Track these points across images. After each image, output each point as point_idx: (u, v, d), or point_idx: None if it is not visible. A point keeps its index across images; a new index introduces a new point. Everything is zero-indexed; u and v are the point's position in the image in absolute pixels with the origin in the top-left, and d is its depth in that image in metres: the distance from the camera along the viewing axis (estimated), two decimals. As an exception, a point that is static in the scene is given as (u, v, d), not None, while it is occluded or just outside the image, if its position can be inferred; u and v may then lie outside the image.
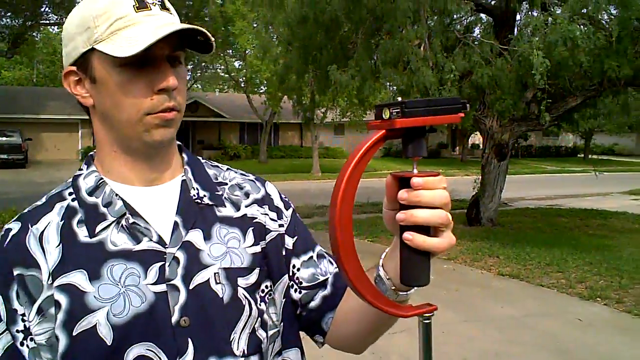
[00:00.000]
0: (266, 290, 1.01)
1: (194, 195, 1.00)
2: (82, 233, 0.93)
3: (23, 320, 0.88)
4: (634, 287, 6.83)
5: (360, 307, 0.95)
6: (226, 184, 1.07)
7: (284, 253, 1.06)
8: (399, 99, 0.76)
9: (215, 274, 0.94)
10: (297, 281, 1.06)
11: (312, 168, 25.47)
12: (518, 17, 10.63)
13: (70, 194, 0.98)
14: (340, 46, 10.67)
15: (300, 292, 1.06)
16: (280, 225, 1.07)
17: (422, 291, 0.85)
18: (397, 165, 26.68)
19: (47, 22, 25.75)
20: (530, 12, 9.81)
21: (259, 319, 0.97)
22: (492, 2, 11.10)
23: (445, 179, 0.77)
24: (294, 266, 1.07)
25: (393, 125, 0.74)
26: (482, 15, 11.43)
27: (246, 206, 1.05)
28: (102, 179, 0.98)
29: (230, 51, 29.57)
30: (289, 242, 1.07)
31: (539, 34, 8.07)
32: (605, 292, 6.62)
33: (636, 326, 5.60)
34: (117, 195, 0.96)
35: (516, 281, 7.27)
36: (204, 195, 1.01)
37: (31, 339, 0.88)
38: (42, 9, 23.59)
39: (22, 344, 0.88)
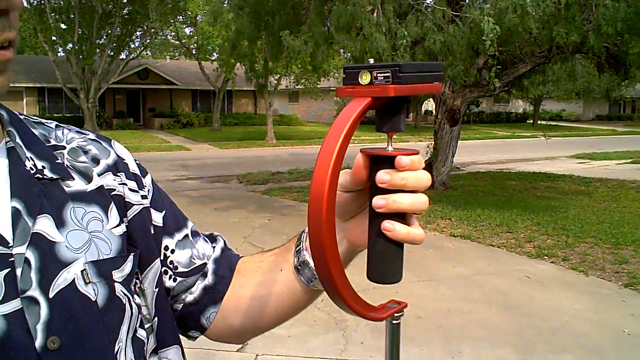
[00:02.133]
0: (135, 279, 0.79)
1: (31, 168, 0.72)
2: None
3: None
4: (579, 246, 7.11)
5: (265, 296, 0.86)
6: (63, 147, 0.80)
7: (152, 231, 0.83)
8: (371, 61, 0.65)
9: (82, 271, 0.69)
10: (171, 266, 0.86)
11: (267, 135, 25.34)
12: (470, -18, 10.71)
13: None
14: (292, 11, 10.58)
15: (175, 280, 0.86)
16: (143, 197, 0.84)
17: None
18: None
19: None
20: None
21: (139, 316, 0.77)
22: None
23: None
24: (166, 247, 0.86)
25: (386, 93, 0.60)
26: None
27: (99, 175, 0.79)
28: None
29: (181, 17, 28.91)
30: (157, 217, 0.85)
31: (490, 1, 8.18)
32: (552, 250, 6.88)
33: (580, 282, 5.85)
34: None
35: (467, 242, 7.48)
36: (43, 167, 0.73)
37: None
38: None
39: None
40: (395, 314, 0.72)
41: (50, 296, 0.66)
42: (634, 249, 6.93)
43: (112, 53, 27.00)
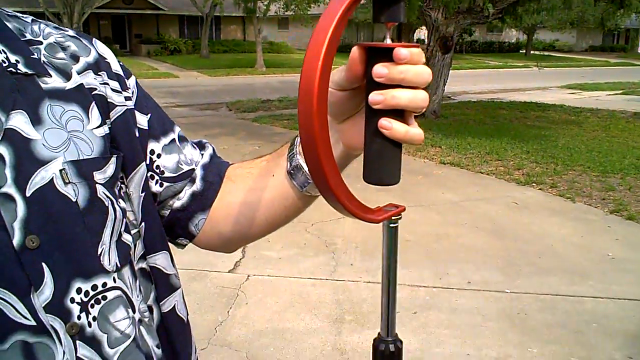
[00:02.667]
0: (120, 183, 0.77)
1: (3, 62, 0.68)
2: None
3: None
4: (567, 173, 7.17)
5: (256, 202, 0.84)
6: (40, 42, 0.74)
7: (137, 134, 0.80)
8: None
9: (61, 171, 0.66)
10: (157, 171, 0.83)
11: (256, 63, 24.92)
12: None
13: None
14: None
15: (161, 185, 0.84)
16: (127, 99, 0.80)
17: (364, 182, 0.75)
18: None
19: None
20: None
21: (124, 220, 0.74)
22: None
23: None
24: (152, 152, 0.82)
25: None
26: None
27: (79, 73, 0.75)
28: None
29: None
30: (142, 120, 0.82)
31: None
32: (540, 177, 6.93)
33: (567, 208, 5.93)
34: None
35: (457, 169, 7.51)
36: (17, 62, 0.69)
37: None
38: None
39: None
40: (393, 217, 0.70)
41: (28, 194, 0.63)
42: (621, 177, 7.00)
43: (95, -25, 26.09)
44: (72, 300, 0.65)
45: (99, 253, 0.68)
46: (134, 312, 0.73)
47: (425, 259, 4.53)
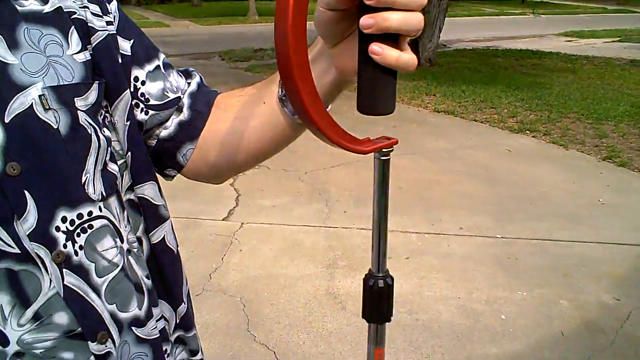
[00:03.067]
0: (104, 112, 0.75)
1: None
2: None
3: None
4: (562, 121, 7.15)
5: (245, 130, 0.82)
6: None
7: (120, 60, 0.77)
8: None
9: (40, 96, 0.64)
10: (142, 98, 0.81)
11: (249, 11, 24.45)
12: None
13: None
14: None
15: (147, 113, 0.81)
16: (109, 23, 0.76)
17: (359, 127, 0.70)
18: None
19: None
20: None
21: (108, 149, 0.73)
22: None
23: None
24: (136, 79, 0.80)
25: None
26: None
27: None
28: None
29: None
30: (125, 45, 0.78)
31: None
32: (534, 125, 6.92)
33: (560, 155, 5.94)
34: None
35: (451, 117, 7.48)
36: None
37: None
38: None
39: None
40: (384, 149, 0.69)
41: (6, 120, 0.62)
42: (615, 124, 7.00)
43: None
44: (58, 229, 0.64)
45: (83, 181, 0.67)
46: (122, 242, 0.73)
47: (418, 205, 4.56)
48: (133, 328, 0.73)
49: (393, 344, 2.83)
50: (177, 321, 0.88)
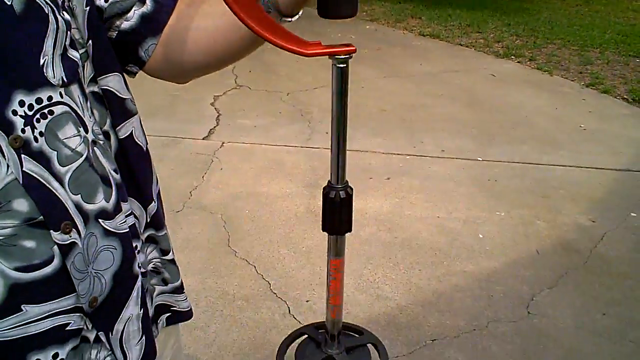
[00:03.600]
0: None
1: None
2: None
3: None
4: (547, 47, 7.08)
5: (211, 28, 0.78)
6: None
7: None
8: None
9: None
10: None
11: None
12: None
13: None
14: None
15: (106, 0, 0.77)
16: None
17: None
18: None
19: None
20: None
21: (68, 33, 0.68)
22: None
23: None
24: None
25: None
26: None
27: None
28: None
29: None
30: None
31: None
32: (520, 50, 6.84)
33: (543, 81, 5.90)
34: None
35: (436, 41, 7.36)
36: None
37: None
38: None
39: None
40: (340, 56, 0.65)
41: None
42: (600, 51, 6.94)
43: None
44: (15, 113, 0.60)
45: (41, 64, 0.63)
46: (86, 132, 0.69)
47: (400, 128, 4.53)
48: (100, 220, 0.70)
49: (372, 260, 2.87)
50: (148, 220, 0.86)
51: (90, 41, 0.73)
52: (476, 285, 2.72)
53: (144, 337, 0.81)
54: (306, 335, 0.98)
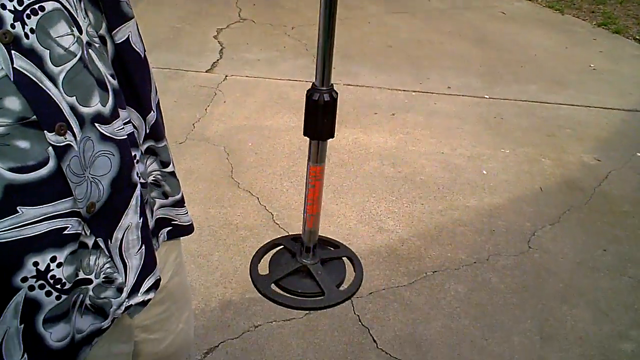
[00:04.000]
0: None
1: None
2: None
3: None
4: (559, -15, 6.89)
5: None
6: None
7: None
8: None
9: None
10: None
11: None
12: None
13: None
14: None
15: None
16: None
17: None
18: None
19: None
20: None
21: None
22: None
23: None
24: None
25: None
26: None
27: None
28: None
29: None
30: None
31: None
32: (531, -12, 6.66)
33: (555, 20, 5.77)
34: None
35: (446, -23, 7.16)
36: None
37: None
38: None
39: None
40: None
41: None
42: (614, -10, 6.75)
43: None
44: (4, 7, 0.58)
45: None
46: (80, 32, 0.67)
47: (406, 64, 4.46)
48: (96, 124, 0.68)
49: (375, 194, 2.86)
50: (147, 130, 0.85)
51: None
52: (478, 220, 2.72)
53: (143, 247, 0.81)
54: (282, 246, 0.98)
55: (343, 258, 2.30)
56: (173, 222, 0.97)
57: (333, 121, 0.75)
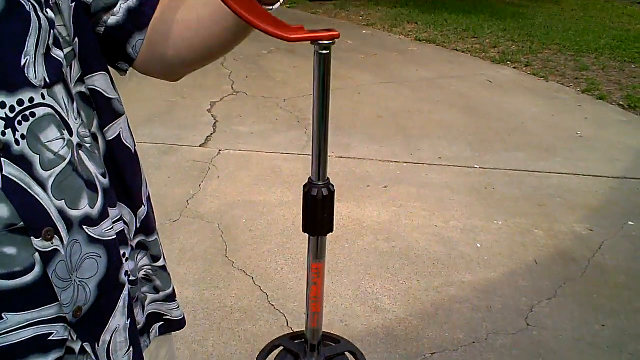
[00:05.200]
0: None
1: None
2: None
3: None
4: (543, 52, 7.10)
5: (197, 20, 0.76)
6: None
7: None
8: None
9: None
10: None
11: None
12: None
13: None
14: None
15: None
16: None
17: (340, 55, 0.63)
18: None
19: None
20: None
21: (52, 32, 0.65)
22: None
23: None
24: None
25: None
26: None
27: None
28: None
29: None
30: None
31: None
32: (515, 56, 6.86)
33: (539, 87, 5.92)
34: None
35: (432, 46, 7.37)
36: None
37: None
38: None
39: None
40: (323, 42, 0.64)
41: None
42: (596, 57, 6.96)
43: None
44: None
45: (22, 64, 0.61)
46: (70, 135, 0.67)
47: (397, 134, 4.53)
48: (84, 227, 0.68)
49: (370, 271, 2.86)
50: (138, 225, 0.85)
51: (76, 38, 0.72)
52: (475, 297, 2.71)
53: (131, 348, 0.79)
54: (282, 347, 0.96)
55: (346, 353, 2.27)
56: (165, 317, 0.97)
57: (332, 215, 0.75)
